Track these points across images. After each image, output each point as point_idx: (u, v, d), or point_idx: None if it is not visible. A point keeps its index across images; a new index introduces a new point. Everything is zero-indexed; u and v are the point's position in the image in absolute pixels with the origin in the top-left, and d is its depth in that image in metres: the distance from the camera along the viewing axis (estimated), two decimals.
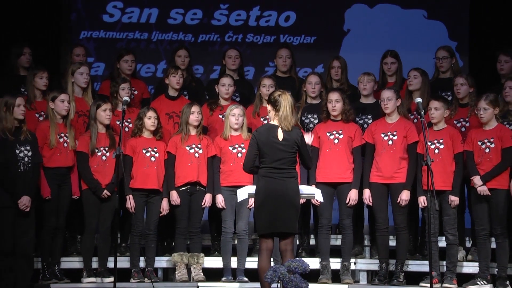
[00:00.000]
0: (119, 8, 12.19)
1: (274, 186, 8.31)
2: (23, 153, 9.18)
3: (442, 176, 9.24)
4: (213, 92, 10.31)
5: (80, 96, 9.98)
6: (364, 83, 10.03)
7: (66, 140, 9.54)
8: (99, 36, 12.15)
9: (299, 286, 7.82)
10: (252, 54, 11.99)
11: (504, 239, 9.23)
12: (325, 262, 9.66)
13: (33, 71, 9.95)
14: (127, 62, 10.47)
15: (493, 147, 9.25)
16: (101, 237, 9.62)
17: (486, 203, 9.27)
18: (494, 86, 9.83)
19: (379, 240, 9.64)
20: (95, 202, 9.56)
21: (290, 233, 8.44)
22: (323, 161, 9.63)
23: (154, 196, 9.69)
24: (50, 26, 11.82)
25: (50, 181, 9.44)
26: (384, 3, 12.20)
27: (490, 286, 9.26)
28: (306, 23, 12.21)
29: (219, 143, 9.75)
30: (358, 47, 12.00)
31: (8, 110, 9.10)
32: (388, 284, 9.54)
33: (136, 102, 10.31)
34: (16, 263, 9.15)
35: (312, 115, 10.01)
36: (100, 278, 9.54)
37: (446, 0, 12.15)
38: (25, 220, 9.18)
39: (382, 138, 9.53)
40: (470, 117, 9.68)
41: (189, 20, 12.21)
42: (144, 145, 9.67)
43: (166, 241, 10.17)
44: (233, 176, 9.66)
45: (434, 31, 12.09)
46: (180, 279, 9.62)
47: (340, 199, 9.69)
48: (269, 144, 8.34)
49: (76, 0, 12.13)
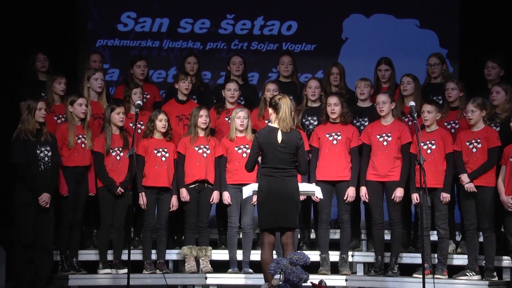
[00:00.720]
0: (132, 18, 12.18)
1: (275, 185, 8.32)
2: (43, 153, 9.19)
3: (433, 174, 9.24)
4: (220, 96, 10.31)
5: (96, 100, 9.99)
6: (361, 88, 10.02)
7: (83, 141, 9.54)
8: (114, 44, 12.14)
9: (300, 277, 7.82)
10: (257, 60, 11.98)
11: (491, 233, 9.23)
12: (324, 254, 9.66)
13: (52, 76, 9.96)
14: (139, 68, 10.47)
15: (480, 147, 9.24)
16: (115, 232, 9.63)
17: (474, 199, 9.27)
18: (482, 91, 9.82)
19: (375, 234, 9.64)
20: (110, 199, 9.56)
21: (291, 227, 8.44)
22: (323, 160, 9.63)
23: (165, 193, 9.69)
24: (68, 35, 11.82)
25: (68, 179, 9.45)
26: (380, 13, 12.19)
27: (478, 277, 9.24)
28: (307, 31, 12.20)
29: (226, 143, 9.76)
30: (355, 54, 11.98)
31: (30, 113, 9.12)
32: (383, 275, 9.54)
33: (148, 106, 10.31)
34: (36, 255, 9.17)
35: (312, 118, 10.00)
36: (115, 270, 9.54)
37: (437, 11, 12.13)
38: (45, 215, 9.21)
39: (377, 139, 9.53)
40: (460, 119, 9.67)
41: (197, 29, 12.21)
42: (156, 145, 9.67)
43: (176, 235, 10.17)
44: (238, 175, 9.66)
45: (426, 39, 12.07)
46: (190, 270, 9.62)
47: (339, 196, 9.69)
48: (269, 145, 8.35)
49: (93, 11, 12.13)
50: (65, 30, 11.78)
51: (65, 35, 11.74)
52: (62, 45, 11.45)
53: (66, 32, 11.79)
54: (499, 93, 9.54)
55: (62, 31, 11.68)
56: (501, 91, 9.54)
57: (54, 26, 11.56)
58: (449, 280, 9.31)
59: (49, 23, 11.50)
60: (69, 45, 11.76)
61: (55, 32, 11.52)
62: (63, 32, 11.70)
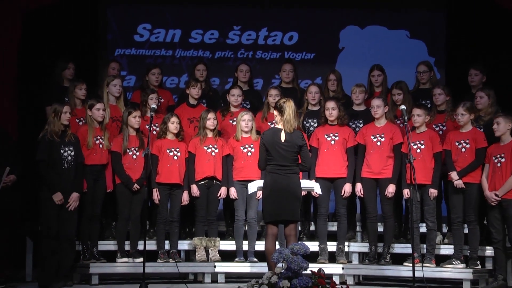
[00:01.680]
0: (147, 29, 12.19)
1: (279, 181, 8.33)
2: (66, 153, 9.19)
3: (423, 172, 9.23)
4: (226, 101, 10.30)
5: (114, 104, 9.99)
6: (357, 94, 10.01)
7: (101, 142, 9.55)
8: (131, 53, 12.15)
9: (301, 265, 7.80)
10: (261, 68, 11.99)
11: (475, 226, 9.23)
12: (323, 245, 9.66)
13: (74, 83, 9.97)
14: (154, 75, 10.48)
15: (468, 147, 9.23)
16: (132, 224, 9.63)
17: (461, 195, 9.26)
18: (467, 95, 9.80)
19: (369, 226, 9.63)
20: (127, 194, 9.57)
21: (293, 220, 8.44)
22: (322, 159, 9.62)
23: (177, 189, 9.70)
24: (89, 45, 11.84)
25: (87, 177, 9.46)
26: (373, 24, 12.18)
27: (463, 266, 9.24)
28: (307, 41, 12.20)
29: (232, 143, 9.77)
30: (351, 62, 11.98)
31: (56, 116, 9.13)
32: (377, 264, 9.54)
33: (163, 109, 10.31)
34: (60, 246, 9.16)
35: (312, 120, 10.00)
36: (132, 259, 9.56)
37: (425, 23, 12.13)
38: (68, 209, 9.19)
39: (371, 139, 9.52)
40: (447, 122, 9.69)
41: (207, 39, 12.21)
42: (168, 145, 9.67)
43: (188, 227, 10.19)
44: (244, 172, 9.67)
45: (415, 48, 12.07)
46: (200, 259, 9.62)
47: (336, 192, 9.69)
48: (273, 144, 8.36)
49: (112, 23, 12.14)
50: (87, 41, 11.81)
51: (87, 45, 11.77)
52: (84, 54, 11.46)
53: (88, 43, 11.82)
54: (482, 98, 9.55)
55: (84, 42, 11.71)
56: (484, 96, 9.55)
57: (77, 37, 11.58)
58: (437, 268, 9.30)
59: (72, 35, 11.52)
60: (90, 54, 11.79)
61: (78, 42, 11.54)
62: (85, 42, 11.73)
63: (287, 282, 7.71)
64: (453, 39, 11.91)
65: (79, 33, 11.69)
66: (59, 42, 11.33)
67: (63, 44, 11.29)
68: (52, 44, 11.27)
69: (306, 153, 8.49)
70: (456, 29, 11.87)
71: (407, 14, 12.14)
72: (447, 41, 12.00)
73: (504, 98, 9.96)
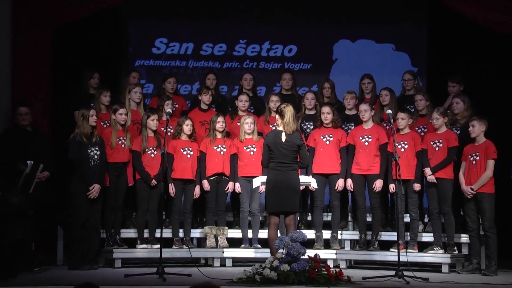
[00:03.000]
0: (164, 43, 12.18)
1: (280, 177, 8.37)
2: (93, 152, 9.23)
3: (406, 168, 9.24)
4: (234, 106, 10.32)
5: (135, 108, 10.01)
6: (348, 100, 10.04)
7: (123, 142, 9.58)
8: (149, 64, 12.14)
9: (299, 251, 7.83)
10: (264, 77, 11.97)
11: (449, 216, 9.26)
12: (318, 233, 9.67)
13: (99, 90, 9.99)
14: (170, 83, 10.48)
15: (441, 147, 9.27)
16: (150, 214, 9.65)
17: (435, 189, 9.28)
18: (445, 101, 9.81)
19: (359, 217, 9.65)
20: (146, 188, 9.59)
21: (292, 211, 8.48)
22: (318, 157, 9.63)
23: (189, 184, 9.72)
24: (112, 57, 11.84)
25: (110, 173, 9.48)
26: (363, 38, 12.15)
27: (442, 251, 9.27)
28: (304, 53, 12.18)
29: (237, 144, 9.79)
30: (343, 72, 11.95)
31: (84, 120, 9.17)
32: (366, 250, 9.55)
33: (177, 113, 10.32)
34: (87, 233, 9.20)
35: (309, 123, 10.00)
36: (150, 245, 9.57)
37: (409, 37, 12.10)
38: (94, 201, 9.24)
39: (360, 140, 9.53)
40: (428, 124, 9.69)
41: (216, 51, 12.19)
42: (182, 145, 9.68)
43: (199, 217, 10.18)
44: (247, 169, 9.70)
45: (400, 59, 12.04)
46: (210, 246, 9.64)
47: (331, 186, 9.70)
48: (275, 145, 8.40)
49: (132, 37, 12.13)
50: (110, 53, 11.79)
51: (110, 57, 11.76)
52: (108, 64, 11.46)
53: (111, 55, 11.80)
54: (458, 103, 9.58)
55: (108, 54, 11.70)
56: (460, 102, 9.58)
57: (101, 50, 11.58)
58: (419, 253, 9.33)
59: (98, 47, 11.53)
60: (113, 65, 11.77)
61: (102, 54, 11.54)
62: (109, 54, 11.72)
63: (287, 265, 7.75)
64: (433, 51, 11.89)
65: (104, 46, 11.68)
66: (86, 54, 11.32)
67: (89, 56, 11.29)
68: (80, 56, 11.27)
69: (304, 152, 8.55)
70: (435, 42, 11.86)
71: (393, 29, 12.12)
72: (428, 53, 11.98)
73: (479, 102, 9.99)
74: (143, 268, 8.93)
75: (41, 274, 8.72)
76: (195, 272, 8.49)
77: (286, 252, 7.88)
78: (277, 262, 7.81)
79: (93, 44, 11.50)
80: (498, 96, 10.82)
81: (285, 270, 7.70)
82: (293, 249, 7.82)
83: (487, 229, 8.99)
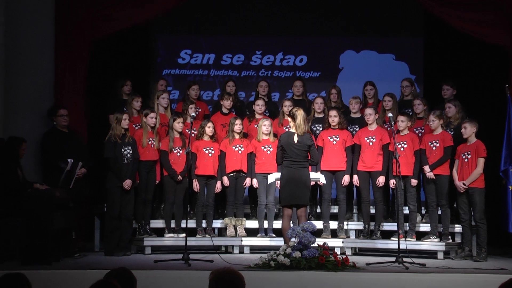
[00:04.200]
0: (188, 54, 12.22)
1: (292, 173, 8.39)
2: (126, 151, 9.28)
3: (406, 166, 9.25)
4: (251, 110, 10.34)
5: (163, 112, 10.03)
6: (353, 104, 10.04)
7: (153, 142, 9.61)
8: (175, 73, 12.18)
9: (310, 240, 7.86)
10: (278, 84, 11.98)
11: (446, 208, 9.26)
12: (326, 223, 9.69)
13: (131, 96, 10.03)
14: (194, 90, 10.49)
15: (438, 146, 9.26)
16: (176, 207, 9.68)
17: (433, 184, 9.27)
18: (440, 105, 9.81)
19: (363, 209, 9.66)
20: (173, 183, 9.62)
21: (304, 204, 8.50)
22: (325, 156, 9.65)
23: (211, 180, 9.74)
24: (143, 66, 11.91)
25: (141, 169, 9.53)
26: (366, 49, 12.14)
27: (438, 240, 9.26)
28: (314, 63, 12.19)
29: (255, 144, 9.80)
30: (348, 79, 11.94)
31: (118, 123, 9.22)
32: (370, 238, 9.55)
33: (200, 117, 10.33)
34: (121, 224, 9.25)
35: (318, 125, 10.01)
36: (176, 234, 9.60)
37: (407, 48, 12.09)
38: (127, 195, 9.31)
39: (365, 140, 9.55)
40: (425, 126, 9.67)
41: (235, 61, 12.22)
42: (205, 145, 9.71)
43: (220, 209, 10.19)
44: (264, 166, 9.70)
45: (399, 68, 12.03)
46: (230, 235, 9.67)
47: (337, 181, 9.71)
48: (288, 145, 8.42)
49: (161, 49, 12.19)
50: (141, 63, 11.86)
51: (141, 66, 11.83)
52: (139, 73, 11.52)
53: (142, 64, 11.87)
54: (451, 108, 9.59)
55: (138, 64, 11.77)
56: (452, 106, 9.58)
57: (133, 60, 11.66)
58: (417, 241, 9.32)
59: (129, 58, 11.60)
60: (143, 74, 11.83)
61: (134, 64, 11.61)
62: (139, 64, 11.79)
63: (299, 253, 7.77)
64: (429, 61, 11.89)
65: (135, 57, 11.75)
66: (119, 64, 11.39)
67: (122, 65, 11.36)
68: (114, 65, 11.34)
69: (314, 151, 8.56)
70: (431, 52, 11.85)
71: (393, 41, 12.12)
72: (424, 62, 11.98)
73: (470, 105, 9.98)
74: (170, 255, 8.96)
75: (81, 259, 8.79)
76: (216, 258, 8.52)
77: (298, 240, 7.91)
78: (289, 250, 7.84)
79: (126, 55, 11.56)
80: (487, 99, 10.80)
81: (297, 257, 7.73)
82: (304, 238, 7.85)
83: (478, 220, 8.98)
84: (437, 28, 11.36)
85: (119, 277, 4.57)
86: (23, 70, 9.71)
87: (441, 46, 11.65)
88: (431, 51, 11.85)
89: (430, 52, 11.87)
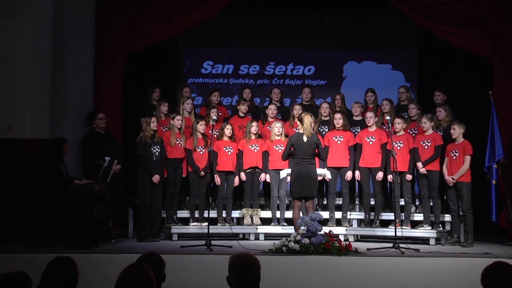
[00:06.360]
0: (210, 65, 12.23)
1: (302, 169, 8.41)
2: (155, 150, 9.29)
3: (401, 163, 9.22)
4: (265, 114, 10.33)
5: (188, 116, 10.04)
6: (355, 108, 10.02)
7: (180, 142, 9.62)
8: (199, 81, 12.21)
9: (317, 228, 7.86)
10: (289, 91, 11.97)
11: (437, 200, 9.23)
12: (332, 214, 9.67)
13: (160, 102, 10.04)
14: (215, 97, 10.49)
15: (429, 145, 9.23)
16: (200, 199, 9.68)
17: (425, 179, 9.23)
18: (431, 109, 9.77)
19: (364, 201, 9.63)
20: (196, 178, 9.61)
21: (312, 196, 8.50)
22: (331, 154, 9.61)
23: (231, 175, 9.73)
24: (170, 75, 11.96)
25: (169, 166, 9.53)
26: (367, 60, 12.11)
27: (430, 228, 9.22)
28: (320, 72, 12.17)
29: (268, 144, 9.79)
30: (351, 86, 11.92)
31: (148, 125, 9.25)
32: (370, 227, 9.53)
33: (220, 120, 10.34)
34: (151, 214, 9.26)
35: (324, 127, 9.99)
36: (200, 223, 9.59)
37: (403, 59, 12.04)
38: (156, 188, 9.30)
39: (366, 140, 9.52)
40: (418, 128, 9.63)
41: (251, 71, 12.22)
42: (224, 145, 9.72)
43: (238, 201, 10.18)
44: (276, 163, 9.65)
45: (396, 76, 11.99)
46: (247, 224, 9.65)
47: (341, 177, 9.68)
48: (298, 144, 8.42)
49: (186, 61, 12.22)
50: (169, 73, 11.91)
51: (169, 76, 11.87)
52: (167, 82, 11.56)
53: (169, 74, 11.92)
54: (441, 112, 9.58)
55: (167, 73, 11.82)
56: (442, 110, 9.58)
57: (162, 70, 11.71)
58: (412, 229, 9.29)
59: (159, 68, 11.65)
60: (171, 82, 11.87)
61: (162, 74, 11.66)
62: (167, 74, 11.84)
63: (307, 239, 7.77)
64: (422, 70, 11.86)
65: (164, 67, 11.80)
66: (150, 74, 11.44)
67: (152, 75, 11.40)
68: (145, 75, 11.38)
69: (322, 149, 8.56)
70: (424, 63, 11.82)
71: (390, 53, 12.09)
72: (418, 71, 11.94)
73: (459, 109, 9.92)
74: (194, 241, 8.96)
75: (116, 245, 8.81)
76: (235, 244, 8.53)
77: (306, 228, 7.91)
78: (299, 237, 7.84)
79: (156, 65, 11.61)
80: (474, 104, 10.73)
81: (306, 243, 7.73)
82: (312, 226, 7.84)
83: (465, 210, 8.94)
84: (429, 41, 11.33)
85: (150, 260, 4.60)
86: (68, 81, 9.81)
87: (433, 57, 11.62)
88: (424, 61, 11.82)
89: (423, 62, 11.84)
